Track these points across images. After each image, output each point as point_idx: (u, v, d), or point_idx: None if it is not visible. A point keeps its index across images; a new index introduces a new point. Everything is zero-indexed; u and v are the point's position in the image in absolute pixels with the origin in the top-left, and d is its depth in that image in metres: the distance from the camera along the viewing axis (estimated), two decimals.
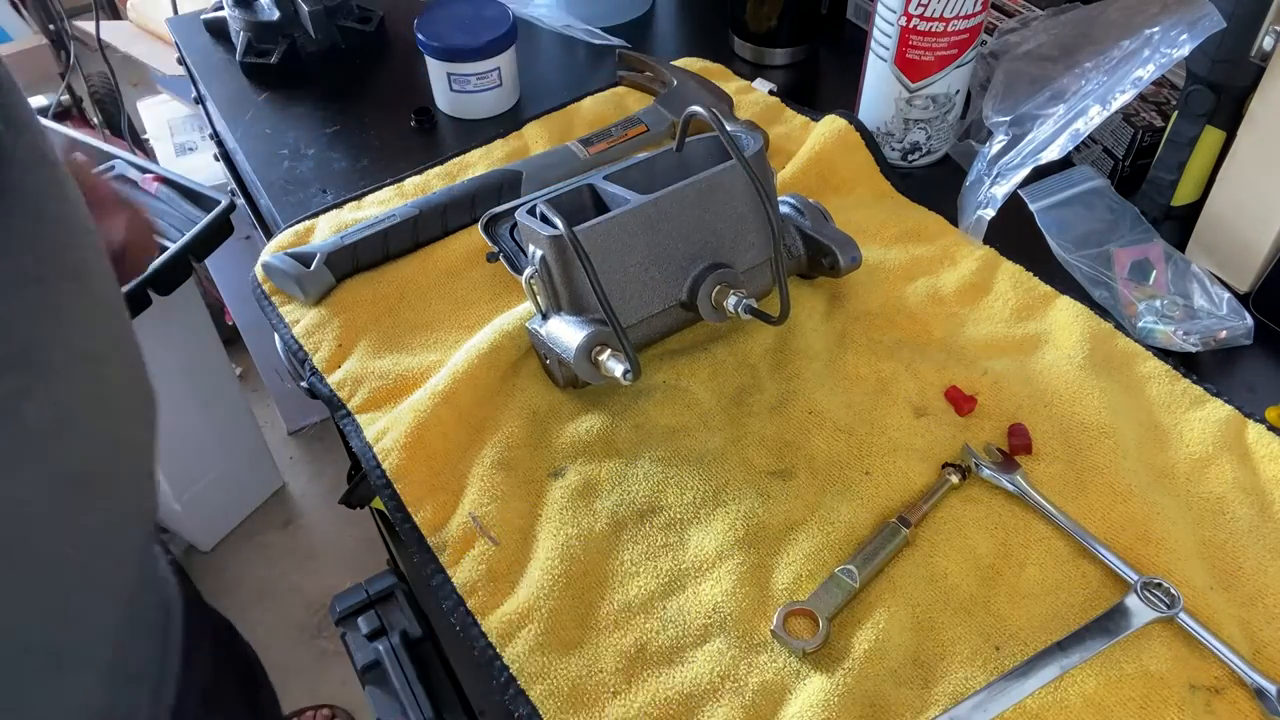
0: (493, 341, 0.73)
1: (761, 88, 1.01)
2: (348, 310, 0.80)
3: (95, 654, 0.43)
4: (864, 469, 0.68)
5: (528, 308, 0.75)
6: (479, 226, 0.82)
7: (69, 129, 1.42)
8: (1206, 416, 0.71)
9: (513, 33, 0.97)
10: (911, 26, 0.84)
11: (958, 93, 0.90)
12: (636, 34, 1.12)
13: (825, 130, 0.91)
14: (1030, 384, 0.73)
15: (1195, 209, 0.82)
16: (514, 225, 0.80)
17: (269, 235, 0.89)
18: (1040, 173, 0.81)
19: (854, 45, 1.03)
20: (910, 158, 0.94)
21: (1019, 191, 0.82)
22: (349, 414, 0.74)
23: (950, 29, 0.84)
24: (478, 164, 0.93)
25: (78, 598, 0.42)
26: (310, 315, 0.80)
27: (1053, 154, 0.79)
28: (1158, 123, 0.87)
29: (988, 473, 0.67)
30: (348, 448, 0.89)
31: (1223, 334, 0.76)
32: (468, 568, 0.64)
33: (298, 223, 0.87)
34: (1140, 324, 0.77)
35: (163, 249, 1.27)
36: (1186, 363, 0.75)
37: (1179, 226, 0.84)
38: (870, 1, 0.91)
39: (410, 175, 0.92)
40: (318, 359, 0.78)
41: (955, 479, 0.67)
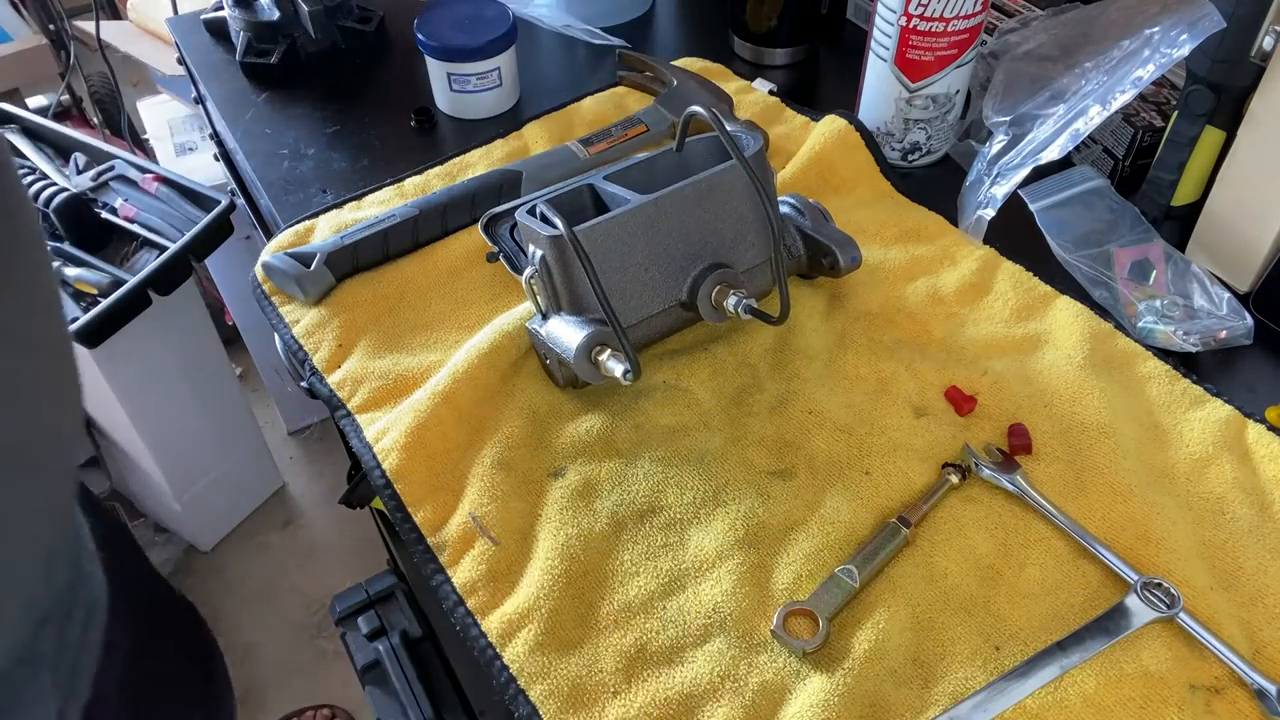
0: (493, 341, 0.73)
1: (761, 88, 1.01)
2: (348, 310, 0.80)
3: None
4: (864, 469, 0.68)
5: (528, 308, 0.75)
6: (479, 226, 0.82)
7: (69, 129, 1.42)
8: (1206, 416, 0.71)
9: (513, 33, 0.97)
10: (911, 26, 0.84)
11: (958, 93, 0.90)
12: (636, 34, 1.12)
13: (825, 130, 0.91)
14: (1030, 384, 0.73)
15: (1195, 209, 0.82)
16: (514, 225, 0.80)
17: (269, 235, 0.89)
18: (1040, 173, 0.81)
19: (854, 45, 1.03)
20: (910, 158, 0.94)
21: (1019, 191, 0.82)
22: (349, 414, 0.74)
23: (950, 29, 0.84)
24: (478, 164, 0.93)
25: None
26: (310, 315, 0.80)
27: (1053, 154, 0.79)
28: (1158, 123, 0.87)
29: (988, 473, 0.67)
30: (348, 448, 0.89)
31: (1223, 334, 0.76)
32: (468, 568, 0.64)
33: (298, 223, 0.87)
34: (1140, 324, 0.77)
35: (162, 249, 1.27)
36: (1186, 363, 0.75)
37: (1179, 226, 0.84)
38: (870, 1, 0.91)
39: (410, 175, 0.92)
40: (318, 359, 0.78)
41: (955, 479, 0.67)
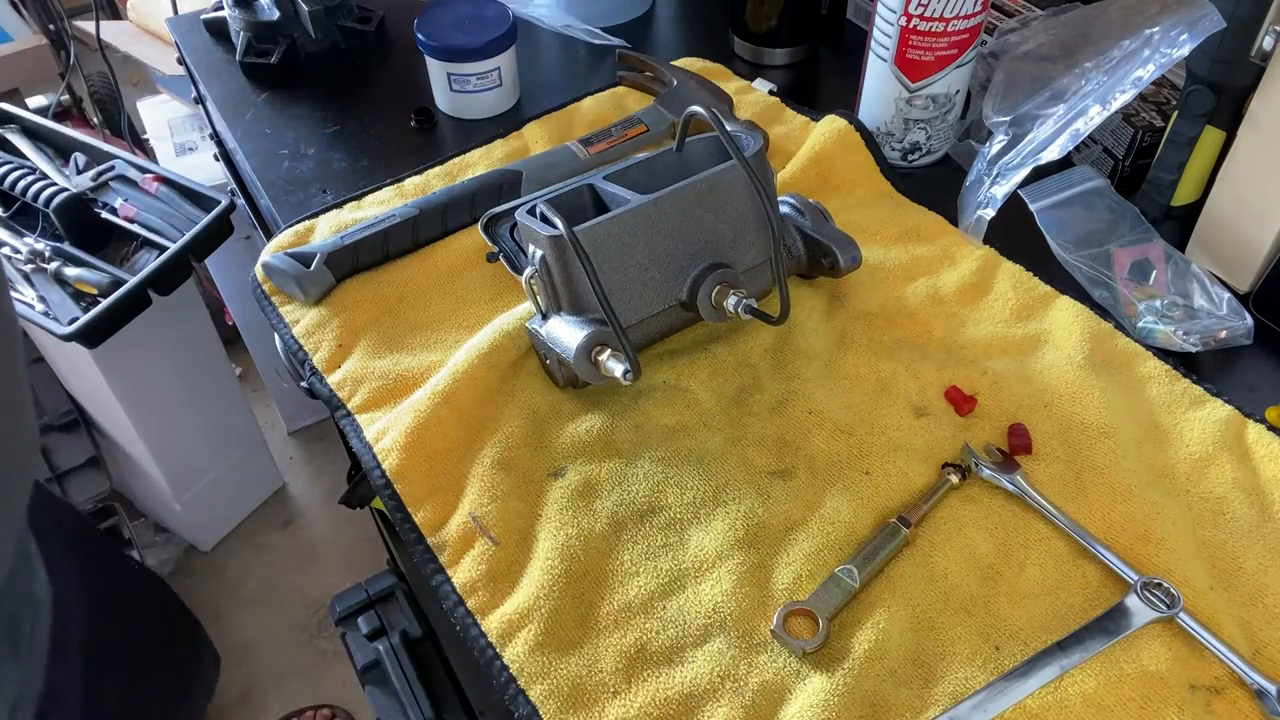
0: (493, 341, 0.73)
1: (761, 88, 1.01)
2: (348, 310, 0.80)
3: None
4: (864, 469, 0.68)
5: (528, 308, 0.75)
6: (479, 226, 0.82)
7: (69, 129, 1.41)
8: (1206, 416, 0.71)
9: (513, 33, 0.97)
10: (911, 26, 0.84)
11: (958, 93, 0.90)
12: (636, 34, 1.12)
13: (825, 130, 0.91)
14: (1030, 384, 0.73)
15: (1195, 209, 0.82)
16: (514, 225, 0.80)
17: (269, 235, 0.89)
18: (1040, 173, 0.81)
19: (854, 45, 1.03)
20: (910, 158, 0.94)
21: (1019, 191, 0.82)
22: (349, 414, 0.74)
23: (950, 29, 0.84)
24: (478, 164, 0.93)
25: None
26: (310, 315, 0.80)
27: (1053, 154, 0.79)
28: (1158, 123, 0.87)
29: (988, 473, 0.67)
30: (348, 448, 0.89)
31: (1223, 334, 0.76)
32: (468, 568, 0.64)
33: (298, 223, 0.87)
34: (1140, 324, 0.77)
35: (162, 249, 1.27)
36: (1186, 363, 0.75)
37: (1179, 226, 0.84)
38: (870, 1, 0.91)
39: (410, 175, 0.92)
40: (318, 359, 0.78)
41: (955, 479, 0.67)
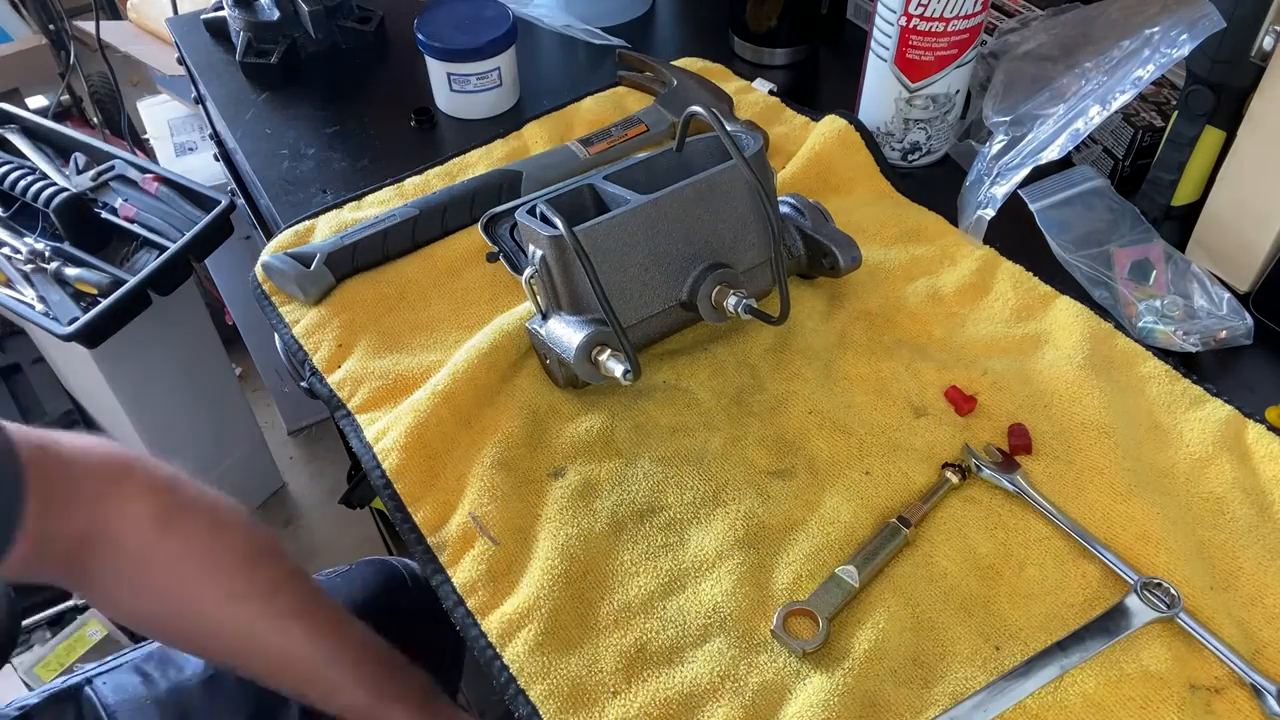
0: (493, 341, 0.73)
1: (761, 88, 1.01)
2: (347, 310, 0.80)
3: None
4: (864, 469, 0.68)
5: (528, 308, 0.75)
6: (479, 226, 0.82)
7: (69, 129, 1.41)
8: (1206, 416, 0.71)
9: (513, 33, 0.97)
10: (911, 26, 0.84)
11: (958, 93, 0.90)
12: (636, 34, 1.12)
13: (825, 130, 0.91)
14: (1030, 384, 0.73)
15: (1195, 209, 0.82)
16: (514, 225, 0.80)
17: (269, 235, 0.89)
18: (1040, 173, 0.81)
19: (854, 45, 1.03)
20: (910, 158, 0.94)
21: (1019, 191, 0.82)
22: (349, 414, 0.74)
23: (950, 29, 0.84)
24: (478, 164, 0.93)
25: None
26: (310, 315, 0.80)
27: (1053, 154, 0.79)
28: (1158, 123, 0.87)
29: (988, 473, 0.67)
30: (348, 448, 0.89)
31: (1223, 334, 0.76)
32: (467, 567, 0.64)
33: (298, 223, 0.87)
34: (1140, 324, 0.77)
35: (162, 249, 1.27)
36: (1186, 363, 0.75)
37: (1179, 226, 0.84)
38: (870, 1, 0.91)
39: (410, 175, 0.92)
40: (317, 359, 0.78)
41: (955, 479, 0.67)
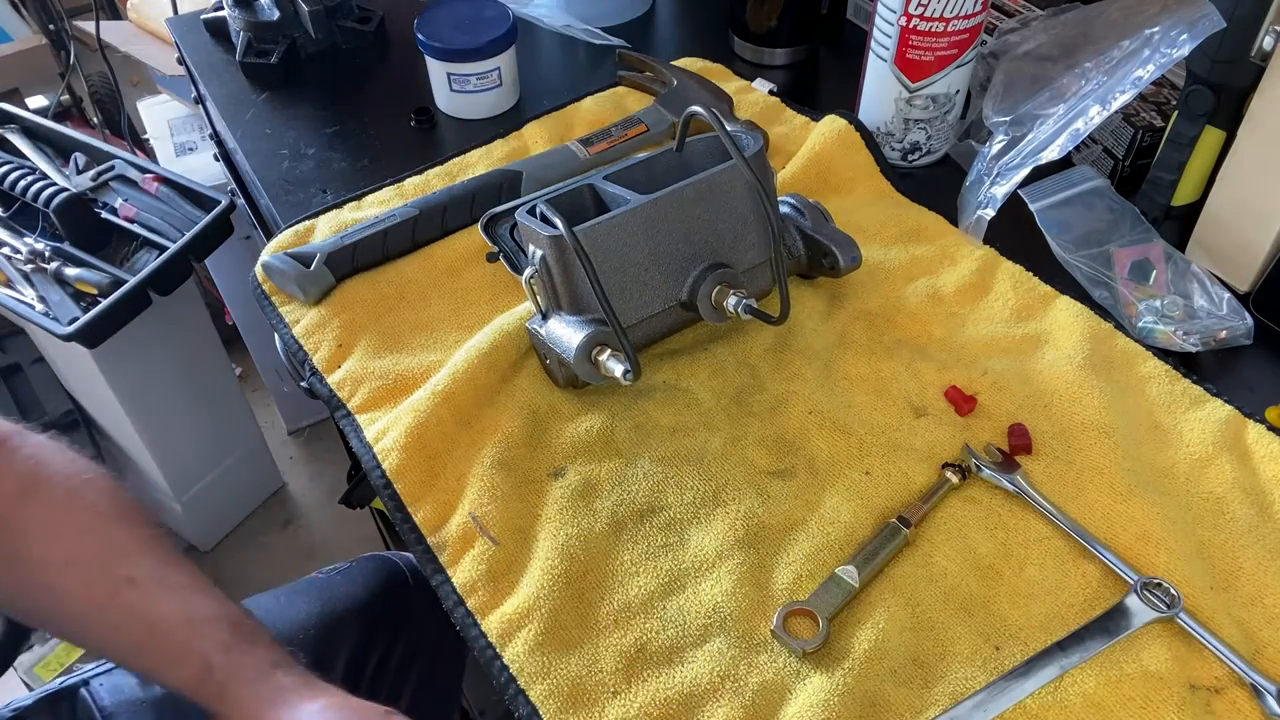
0: (493, 341, 0.73)
1: (761, 88, 1.01)
2: (347, 310, 0.80)
3: None
4: (864, 469, 0.68)
5: (528, 308, 0.75)
6: (479, 226, 0.82)
7: (69, 129, 1.41)
8: (1206, 416, 0.71)
9: (513, 33, 0.97)
10: (911, 26, 0.84)
11: (958, 93, 0.90)
12: (636, 34, 1.12)
13: (825, 130, 0.91)
14: (1030, 384, 0.73)
15: (1195, 209, 0.82)
16: (514, 225, 0.80)
17: (269, 235, 0.89)
18: (1040, 173, 0.81)
19: (854, 45, 1.03)
20: (910, 158, 0.94)
21: (1019, 191, 0.82)
22: (349, 414, 0.74)
23: (950, 29, 0.84)
24: (478, 164, 0.93)
25: None
26: (310, 315, 0.80)
27: (1053, 154, 0.79)
28: (1158, 123, 0.87)
29: (988, 473, 0.67)
30: (348, 448, 0.89)
31: (1223, 334, 0.76)
32: (467, 567, 0.64)
33: (298, 223, 0.87)
34: (1140, 324, 0.77)
35: (162, 249, 1.27)
36: (1186, 363, 0.75)
37: (1179, 226, 0.84)
38: (870, 1, 0.91)
39: (410, 175, 0.92)
40: (317, 359, 0.78)
41: (955, 479, 0.67)
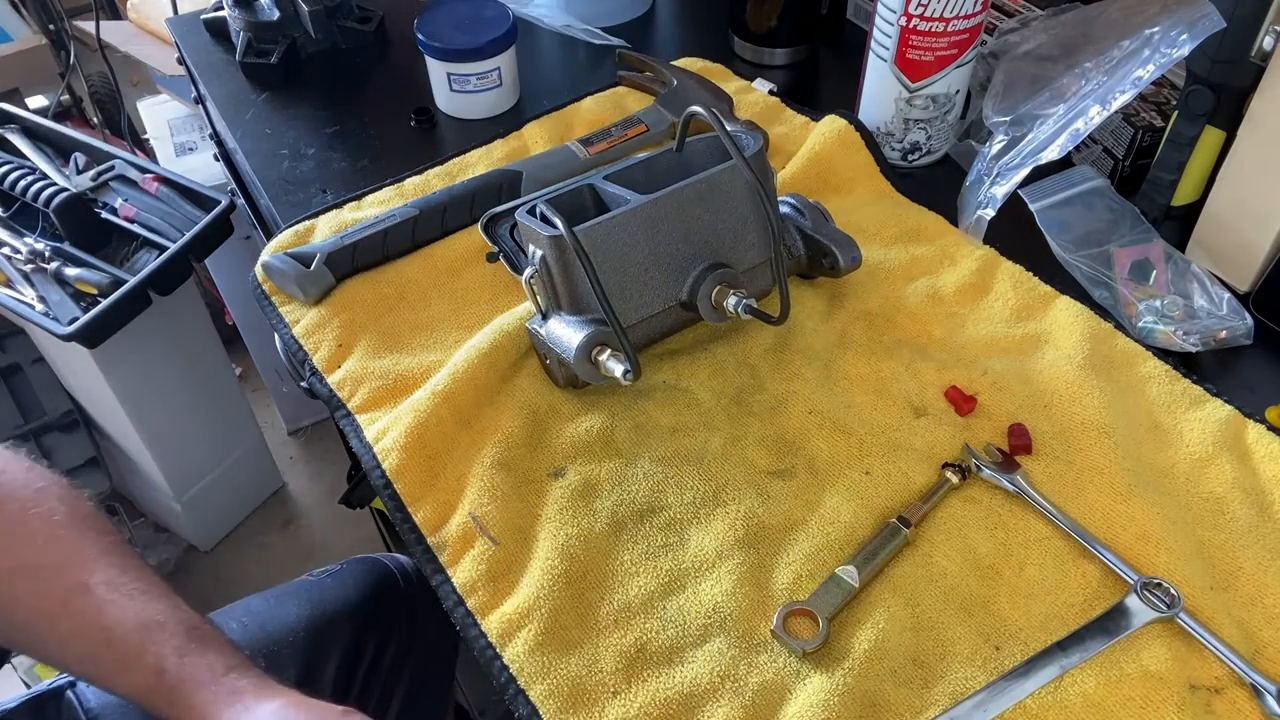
0: (493, 341, 0.73)
1: (761, 88, 1.01)
2: (347, 310, 0.80)
3: None
4: (864, 469, 0.68)
5: (528, 308, 0.75)
6: (479, 226, 0.82)
7: (69, 129, 1.41)
8: (1206, 416, 0.71)
9: (513, 33, 0.97)
10: (911, 26, 0.84)
11: (958, 93, 0.90)
12: (636, 34, 1.12)
13: (825, 130, 0.91)
14: (1030, 384, 0.73)
15: (1195, 209, 0.82)
16: (514, 225, 0.80)
17: (269, 235, 0.89)
18: (1040, 173, 0.81)
19: (854, 45, 1.03)
20: (910, 158, 0.94)
21: (1019, 191, 0.82)
22: (349, 414, 0.74)
23: (950, 29, 0.84)
24: (478, 164, 0.93)
25: None
26: (310, 315, 0.80)
27: (1053, 154, 0.79)
28: (1158, 123, 0.87)
29: (988, 473, 0.67)
30: (348, 448, 0.89)
31: (1223, 334, 0.76)
32: (467, 567, 0.64)
33: (298, 223, 0.87)
34: (1140, 324, 0.77)
35: (162, 249, 1.27)
36: (1186, 363, 0.75)
37: (1179, 226, 0.84)
38: (870, 1, 0.91)
39: (410, 175, 0.92)
40: (317, 359, 0.78)
41: (955, 479, 0.67)
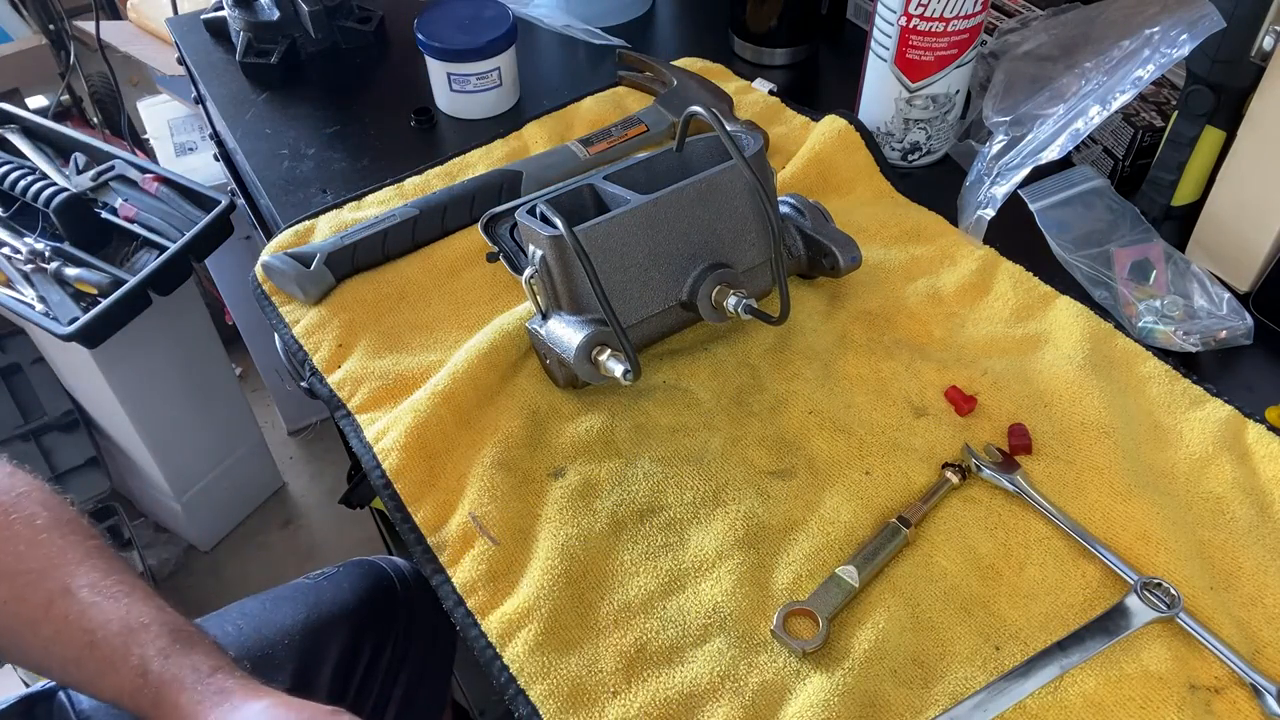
0: (493, 341, 0.73)
1: (761, 88, 1.01)
2: (347, 310, 0.80)
3: None
4: (864, 469, 0.68)
5: (528, 308, 0.75)
6: (479, 226, 0.82)
7: (69, 129, 1.41)
8: (1206, 416, 0.71)
9: (513, 33, 0.97)
10: (911, 26, 0.84)
11: (958, 93, 0.90)
12: (636, 34, 1.12)
13: (825, 130, 0.91)
14: (1030, 384, 0.73)
15: (1195, 209, 0.82)
16: (514, 225, 0.80)
17: (269, 235, 0.89)
18: (1040, 173, 0.81)
19: (854, 45, 1.03)
20: (910, 158, 0.94)
21: (1019, 191, 0.82)
22: (349, 414, 0.74)
23: (950, 29, 0.84)
24: (478, 164, 0.93)
25: None
26: (310, 315, 0.80)
27: (1053, 154, 0.79)
28: (1158, 123, 0.87)
29: (988, 473, 0.67)
30: (348, 448, 0.89)
31: (1223, 334, 0.76)
32: (467, 567, 0.64)
33: (298, 223, 0.87)
34: (1140, 324, 0.77)
35: (162, 249, 1.27)
36: (1186, 363, 0.75)
37: (1179, 226, 0.84)
38: (870, 1, 0.91)
39: (410, 175, 0.92)
40: (317, 359, 0.78)
41: (955, 479, 0.67)
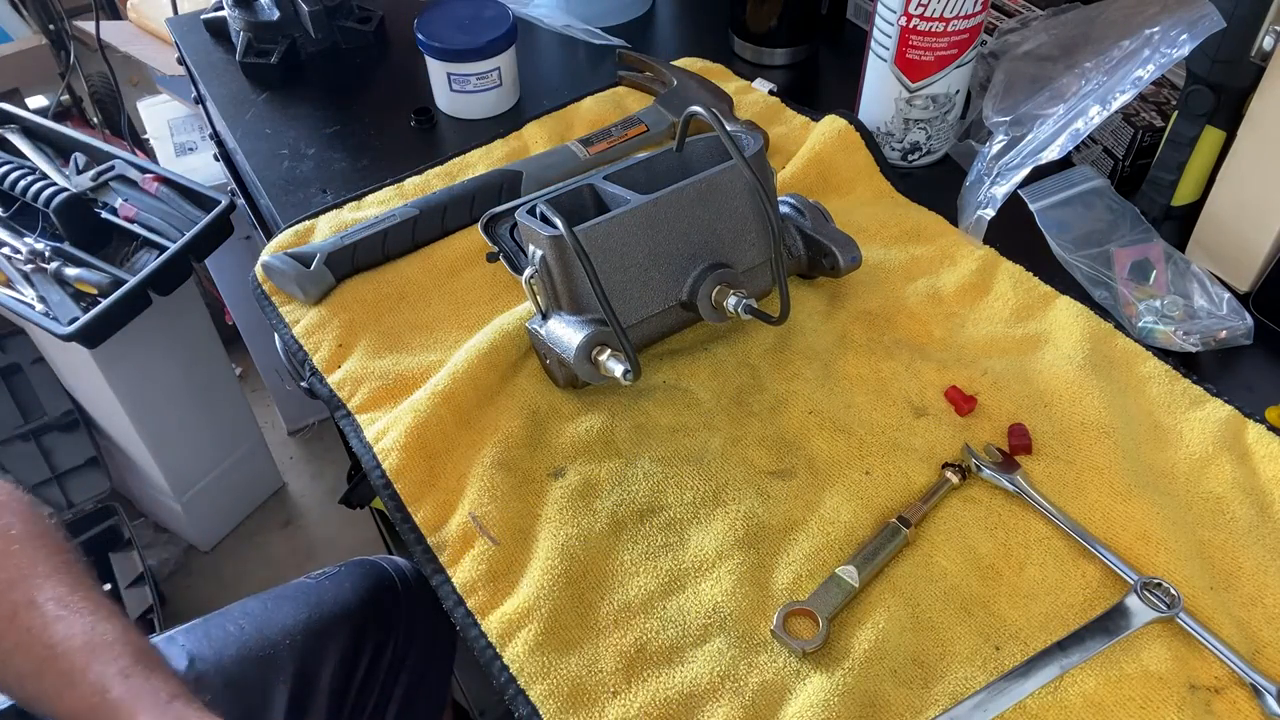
0: (493, 341, 0.73)
1: (761, 88, 1.01)
2: (347, 310, 0.80)
3: None
4: (864, 469, 0.68)
5: (528, 308, 0.75)
6: (479, 226, 0.82)
7: (69, 129, 1.41)
8: (1206, 416, 0.71)
9: (513, 33, 0.97)
10: (911, 26, 0.84)
11: (958, 93, 0.90)
12: (636, 34, 1.12)
13: (825, 130, 0.91)
14: (1030, 384, 0.73)
15: (1195, 209, 0.82)
16: (514, 225, 0.80)
17: (269, 235, 0.89)
18: (1040, 173, 0.81)
19: (854, 45, 1.03)
20: (910, 158, 0.94)
21: (1019, 191, 0.82)
22: (349, 414, 0.74)
23: (950, 29, 0.84)
24: (478, 164, 0.93)
25: None
26: (310, 315, 0.80)
27: (1053, 154, 0.79)
28: (1158, 123, 0.87)
29: (988, 473, 0.67)
30: (348, 448, 0.89)
31: (1223, 334, 0.76)
32: (467, 567, 0.64)
33: (298, 223, 0.87)
34: (1140, 324, 0.77)
35: (162, 249, 1.27)
36: (1186, 363, 0.75)
37: (1179, 226, 0.84)
38: (870, 1, 0.91)
39: (410, 175, 0.92)
40: (317, 359, 0.78)
41: (955, 479, 0.67)
